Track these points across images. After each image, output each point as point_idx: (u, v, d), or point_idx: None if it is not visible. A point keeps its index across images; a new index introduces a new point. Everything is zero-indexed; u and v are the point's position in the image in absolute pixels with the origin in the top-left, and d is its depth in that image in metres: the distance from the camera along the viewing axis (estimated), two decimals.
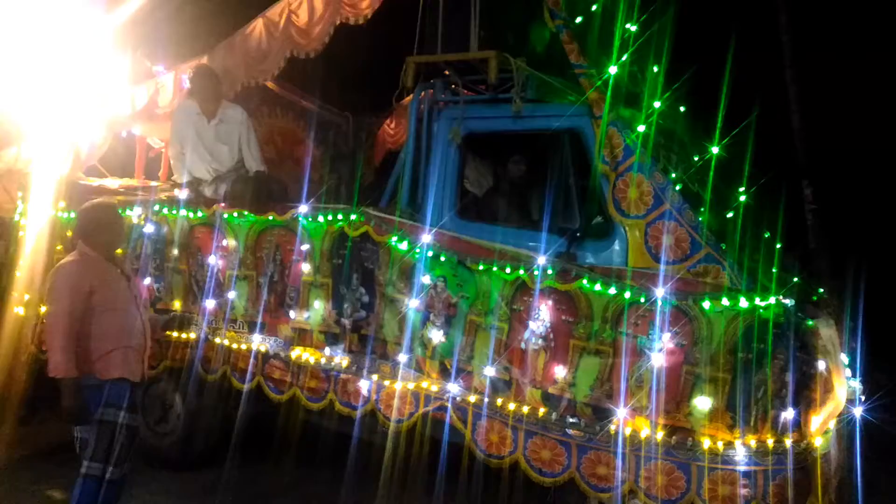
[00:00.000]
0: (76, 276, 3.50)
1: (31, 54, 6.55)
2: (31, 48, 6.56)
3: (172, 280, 4.91)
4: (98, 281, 3.54)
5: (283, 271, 4.50)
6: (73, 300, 3.45)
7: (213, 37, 7.39)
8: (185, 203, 4.80)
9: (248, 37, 5.06)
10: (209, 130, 5.01)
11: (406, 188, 4.44)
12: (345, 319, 4.29)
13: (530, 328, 3.87)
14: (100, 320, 3.54)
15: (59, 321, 3.41)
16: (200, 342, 4.72)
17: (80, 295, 3.47)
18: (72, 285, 3.47)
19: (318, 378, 4.34)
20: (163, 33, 7.28)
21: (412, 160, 4.43)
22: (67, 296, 3.45)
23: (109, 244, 3.73)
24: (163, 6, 7.68)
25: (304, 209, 4.32)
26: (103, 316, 3.55)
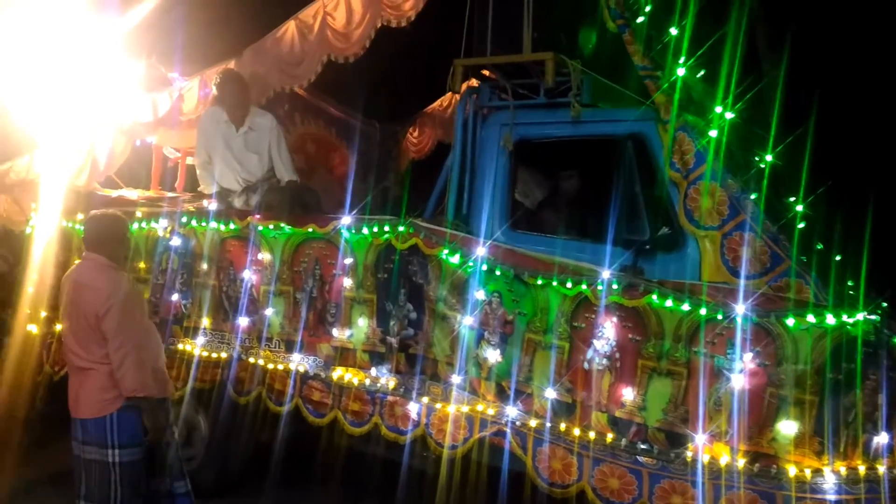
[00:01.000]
0: (135, 288, 3.57)
1: (42, 61, 6.32)
2: (43, 55, 6.33)
3: (201, 296, 4.64)
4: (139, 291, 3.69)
5: (322, 286, 4.24)
6: (143, 312, 3.55)
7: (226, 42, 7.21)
8: (215, 214, 4.54)
9: (280, 40, 4.82)
10: (238, 139, 4.76)
11: (452, 198, 4.19)
12: (391, 338, 4.03)
13: (594, 347, 3.63)
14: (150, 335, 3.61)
15: (132, 337, 3.36)
16: (233, 362, 4.45)
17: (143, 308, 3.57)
18: (138, 297, 3.53)
19: (362, 400, 4.08)
20: (176, 38, 7.06)
21: (459, 168, 4.19)
22: (134, 306, 3.46)
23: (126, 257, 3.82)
24: (175, 10, 7.48)
25: (347, 221, 4.06)
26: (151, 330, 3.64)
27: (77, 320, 3.37)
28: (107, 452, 3.32)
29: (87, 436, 3.35)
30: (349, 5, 4.57)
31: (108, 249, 3.50)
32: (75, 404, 3.41)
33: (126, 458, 3.33)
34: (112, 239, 3.53)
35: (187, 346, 4.64)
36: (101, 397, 3.34)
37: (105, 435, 3.33)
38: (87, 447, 3.35)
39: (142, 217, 4.81)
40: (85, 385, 3.37)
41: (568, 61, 3.83)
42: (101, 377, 3.33)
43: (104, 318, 3.29)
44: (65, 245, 5.16)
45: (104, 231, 3.53)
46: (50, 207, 5.38)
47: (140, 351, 3.35)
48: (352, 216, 4.07)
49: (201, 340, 4.59)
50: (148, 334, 3.57)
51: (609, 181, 3.74)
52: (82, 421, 3.37)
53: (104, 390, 3.34)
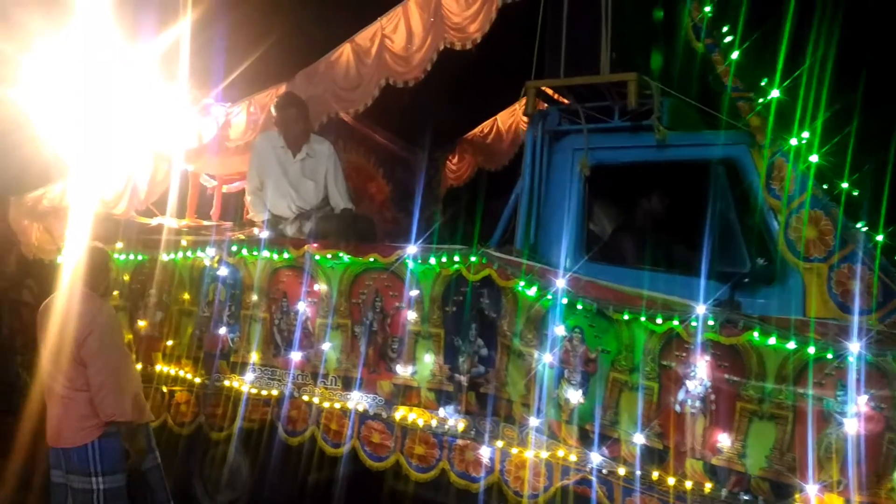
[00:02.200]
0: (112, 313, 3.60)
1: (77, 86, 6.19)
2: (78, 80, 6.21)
3: (250, 329, 4.39)
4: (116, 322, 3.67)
5: (383, 320, 3.99)
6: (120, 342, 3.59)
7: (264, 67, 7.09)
8: (267, 243, 4.31)
9: (335, 64, 4.66)
10: (295, 165, 4.56)
11: (521, 226, 3.97)
12: (460, 375, 3.76)
13: (685, 388, 3.35)
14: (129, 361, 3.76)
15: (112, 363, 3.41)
16: (284, 400, 4.18)
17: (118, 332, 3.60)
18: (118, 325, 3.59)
19: (428, 443, 3.80)
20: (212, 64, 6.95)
21: (528, 196, 3.97)
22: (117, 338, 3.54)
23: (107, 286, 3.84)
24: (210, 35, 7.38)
25: (413, 250, 3.83)
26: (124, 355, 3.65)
27: (57, 348, 3.38)
28: (90, 480, 3.35)
29: (71, 465, 3.37)
30: (409, 28, 4.41)
31: (87, 279, 3.55)
32: (56, 434, 3.42)
33: (110, 485, 3.37)
34: (91, 269, 3.59)
35: (234, 383, 4.39)
36: (82, 425, 3.37)
37: (88, 463, 3.35)
38: (72, 476, 3.38)
39: (187, 246, 4.59)
40: (66, 414, 3.40)
41: (651, 82, 3.62)
42: (81, 405, 3.37)
43: (83, 343, 3.33)
44: None
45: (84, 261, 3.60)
46: (83, 236, 5.18)
47: (119, 376, 3.41)
48: (417, 245, 3.84)
49: (250, 377, 4.33)
50: (126, 360, 3.66)
51: (699, 208, 3.51)
52: (65, 450, 3.39)
53: (85, 418, 3.37)
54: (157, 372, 4.64)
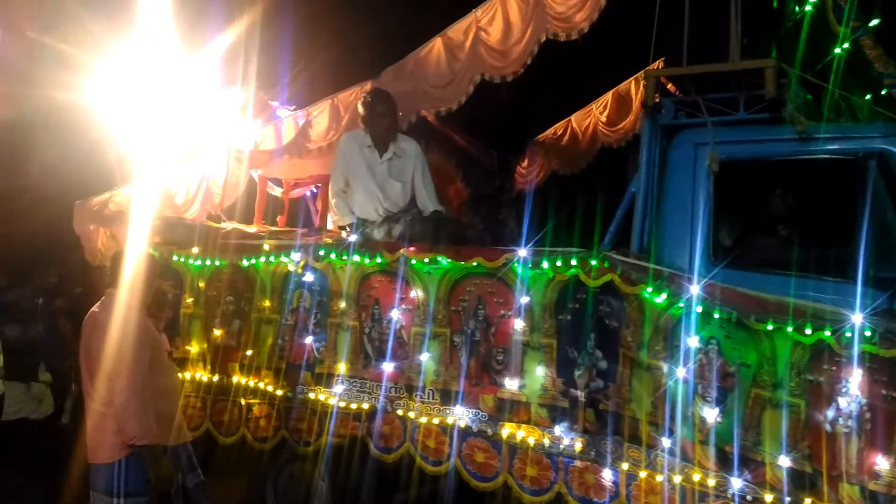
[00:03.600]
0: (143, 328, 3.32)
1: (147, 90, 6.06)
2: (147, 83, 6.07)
3: (337, 338, 4.13)
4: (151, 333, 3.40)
5: (487, 329, 3.71)
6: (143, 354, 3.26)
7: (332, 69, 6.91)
8: (358, 247, 4.05)
9: (424, 60, 4.42)
10: (382, 165, 4.32)
11: (637, 227, 3.66)
12: (576, 390, 3.46)
13: (836, 405, 3.02)
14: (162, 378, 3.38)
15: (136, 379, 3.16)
16: (377, 414, 3.91)
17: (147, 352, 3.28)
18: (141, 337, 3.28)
19: (541, 464, 3.49)
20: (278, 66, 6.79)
21: (645, 194, 3.67)
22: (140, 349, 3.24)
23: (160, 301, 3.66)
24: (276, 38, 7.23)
25: (523, 253, 3.54)
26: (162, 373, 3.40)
27: (88, 360, 3.28)
28: (112, 501, 3.18)
29: (96, 482, 3.23)
30: (507, 19, 4.16)
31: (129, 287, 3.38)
32: (89, 449, 3.29)
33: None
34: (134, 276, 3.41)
35: (320, 396, 4.12)
36: (111, 441, 3.20)
37: (112, 482, 3.18)
38: (96, 493, 3.22)
39: (269, 251, 4.35)
40: (97, 429, 3.25)
41: (789, 70, 3.31)
42: (111, 421, 3.20)
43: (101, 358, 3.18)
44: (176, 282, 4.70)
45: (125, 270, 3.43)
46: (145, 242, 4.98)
47: (144, 396, 3.18)
48: (528, 248, 3.55)
49: (338, 389, 4.06)
50: (158, 377, 3.38)
51: (849, 207, 3.18)
52: (93, 466, 3.25)
53: (114, 434, 3.19)
54: (234, 384, 4.39)
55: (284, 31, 7.12)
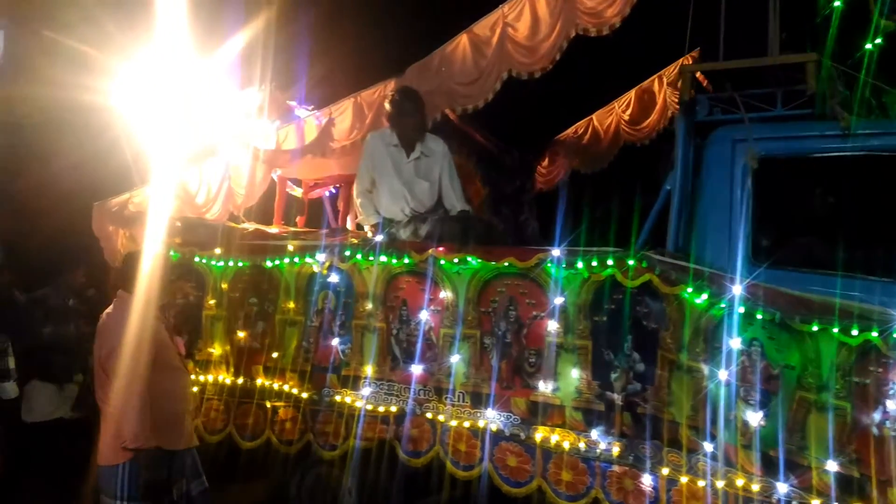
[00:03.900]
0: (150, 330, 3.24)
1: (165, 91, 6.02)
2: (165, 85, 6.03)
3: (364, 340, 4.06)
4: (159, 335, 3.32)
5: (518, 330, 3.63)
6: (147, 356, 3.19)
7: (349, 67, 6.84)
8: (384, 247, 3.98)
9: (450, 57, 4.35)
10: (409, 165, 4.25)
11: (673, 226, 3.57)
12: (612, 393, 3.37)
13: (884, 408, 2.92)
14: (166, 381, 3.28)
15: (134, 382, 3.10)
16: (405, 417, 3.84)
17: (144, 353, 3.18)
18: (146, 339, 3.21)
19: (576, 469, 3.41)
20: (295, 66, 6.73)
21: (681, 192, 3.58)
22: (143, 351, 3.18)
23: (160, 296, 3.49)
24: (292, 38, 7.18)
25: (557, 253, 3.46)
26: (167, 376, 3.31)
27: (98, 361, 3.27)
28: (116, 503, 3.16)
29: (102, 483, 3.20)
30: (535, 14, 4.08)
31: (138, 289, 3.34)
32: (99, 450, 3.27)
33: None
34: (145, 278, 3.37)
35: (347, 399, 4.05)
36: (115, 443, 3.16)
37: (115, 484, 3.15)
38: (103, 496, 3.20)
39: (293, 251, 4.29)
40: (105, 430, 3.24)
41: (832, 64, 3.22)
42: (113, 423, 3.19)
43: (107, 359, 3.18)
44: (198, 284, 4.64)
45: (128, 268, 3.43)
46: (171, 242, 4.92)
47: (142, 399, 3.12)
48: (562, 248, 3.47)
49: (364, 392, 3.99)
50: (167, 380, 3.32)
51: None
52: (99, 468, 3.23)
53: (114, 437, 3.17)
54: (258, 386, 4.33)
55: (302, 30, 7.07)
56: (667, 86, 6.06)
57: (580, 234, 3.57)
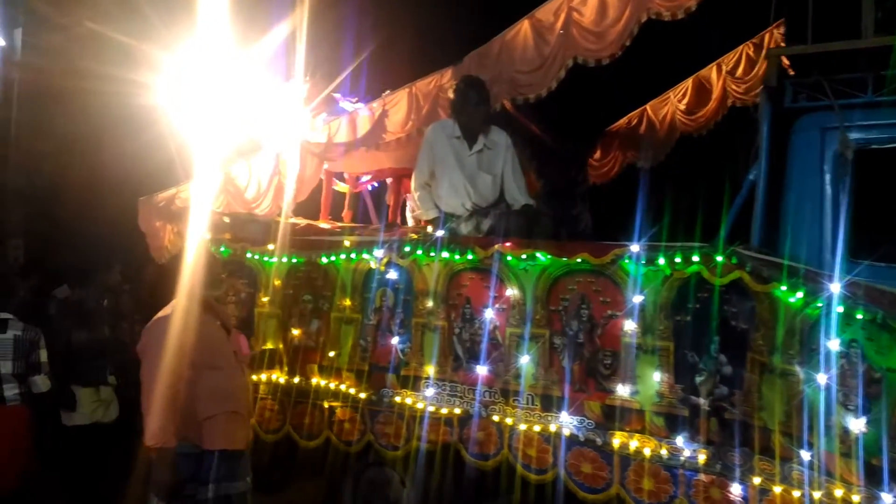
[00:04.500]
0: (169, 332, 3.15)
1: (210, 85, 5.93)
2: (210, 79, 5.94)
3: (424, 339, 3.92)
4: (195, 336, 3.20)
5: (592, 330, 3.46)
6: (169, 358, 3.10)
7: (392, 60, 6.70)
8: (446, 243, 3.83)
9: (511, 43, 4.17)
10: (471, 157, 4.08)
11: (758, 220, 3.37)
12: (697, 397, 3.19)
13: None
14: (200, 381, 3.20)
15: (154, 383, 3.08)
16: (471, 419, 3.69)
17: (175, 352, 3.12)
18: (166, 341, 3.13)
19: (658, 477, 3.23)
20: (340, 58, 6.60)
21: (766, 183, 3.38)
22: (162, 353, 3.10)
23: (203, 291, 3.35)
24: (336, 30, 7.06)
25: (636, 248, 3.28)
26: (204, 376, 3.21)
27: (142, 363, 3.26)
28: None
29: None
30: None
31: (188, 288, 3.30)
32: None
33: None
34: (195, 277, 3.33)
35: (407, 399, 3.92)
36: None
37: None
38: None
39: (350, 247, 4.16)
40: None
41: None
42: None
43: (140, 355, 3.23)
44: (250, 281, 4.53)
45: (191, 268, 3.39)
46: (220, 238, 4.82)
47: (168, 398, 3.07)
48: (641, 243, 3.29)
49: (425, 393, 3.86)
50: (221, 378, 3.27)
51: None
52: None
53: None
54: (313, 386, 4.21)
55: (346, 19, 6.95)
56: (726, 73, 5.83)
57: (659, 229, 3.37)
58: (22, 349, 4.21)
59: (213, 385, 3.23)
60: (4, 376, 4.16)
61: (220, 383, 3.27)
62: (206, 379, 3.21)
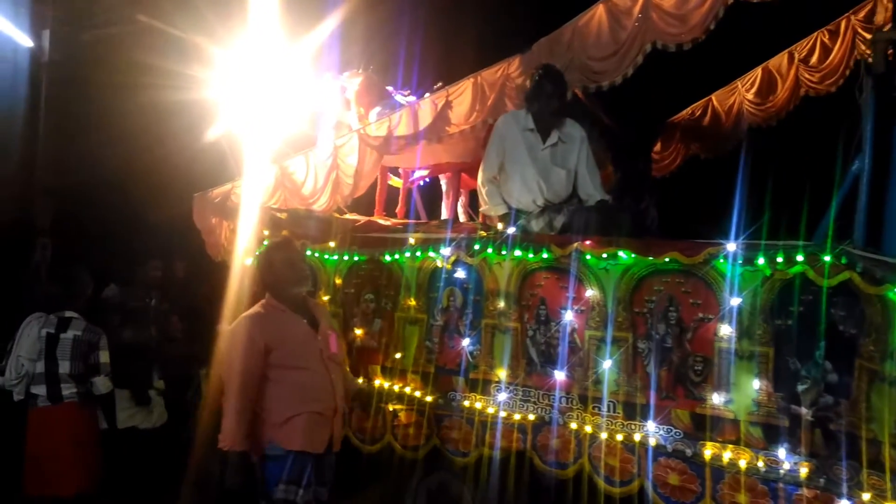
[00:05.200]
0: (252, 331, 3.11)
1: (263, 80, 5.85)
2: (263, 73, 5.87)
3: (494, 341, 3.75)
4: (277, 335, 3.13)
5: (681, 334, 3.25)
6: (248, 358, 3.06)
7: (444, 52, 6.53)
8: (520, 240, 3.65)
9: (584, 28, 3.97)
10: (545, 151, 3.89)
11: (862, 215, 3.12)
12: (800, 407, 2.96)
13: None
14: (281, 380, 3.11)
15: (232, 383, 3.05)
16: (548, 427, 3.51)
17: (254, 352, 3.07)
18: (245, 342, 3.09)
19: (754, 491, 3.01)
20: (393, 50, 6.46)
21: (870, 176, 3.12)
22: (241, 354, 3.07)
23: (282, 287, 3.25)
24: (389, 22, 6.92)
25: (732, 247, 3.06)
26: (285, 375, 3.12)
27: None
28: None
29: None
30: None
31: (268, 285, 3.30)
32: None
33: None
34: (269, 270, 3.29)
35: (476, 404, 3.75)
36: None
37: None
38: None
39: (415, 244, 4.00)
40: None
41: None
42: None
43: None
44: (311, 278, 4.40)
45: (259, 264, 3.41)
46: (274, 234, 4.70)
47: (240, 399, 3.03)
48: (738, 242, 3.06)
49: (496, 397, 3.69)
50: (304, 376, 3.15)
51: None
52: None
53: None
54: (376, 388, 4.07)
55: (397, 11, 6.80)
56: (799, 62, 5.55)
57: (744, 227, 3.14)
58: (80, 350, 4.14)
59: (295, 385, 3.14)
60: (62, 376, 4.11)
61: (303, 383, 3.16)
62: (289, 378, 3.13)
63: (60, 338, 4.12)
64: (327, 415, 3.18)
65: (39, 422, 4.10)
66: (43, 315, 4.19)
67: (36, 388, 4.09)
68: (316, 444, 3.13)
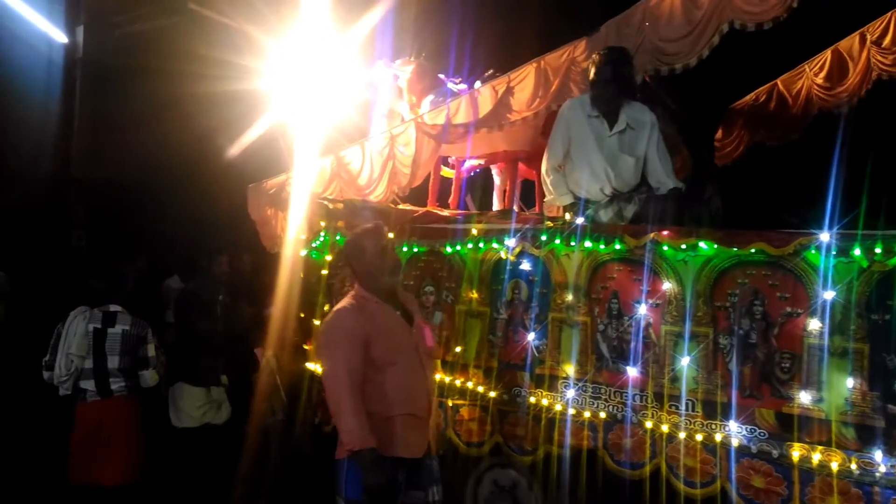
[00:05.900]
0: (350, 323, 2.91)
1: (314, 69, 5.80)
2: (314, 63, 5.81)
3: (562, 336, 3.63)
4: (373, 328, 2.92)
5: (766, 329, 3.08)
6: (351, 354, 2.85)
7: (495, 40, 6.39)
8: (590, 231, 3.51)
9: (655, 10, 3.79)
10: (612, 139, 3.74)
11: None
12: None
13: None
14: (378, 378, 2.90)
15: (341, 381, 2.81)
16: (622, 425, 3.38)
17: (356, 347, 2.87)
18: (344, 337, 2.89)
19: (847, 494, 2.84)
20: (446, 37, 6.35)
21: None
22: (345, 348, 2.86)
23: (374, 277, 3.03)
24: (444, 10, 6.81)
25: (825, 237, 2.89)
26: (382, 372, 2.91)
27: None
28: (338, 500, 2.90)
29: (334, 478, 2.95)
30: None
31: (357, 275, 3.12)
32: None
33: None
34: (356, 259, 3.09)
35: (543, 400, 3.64)
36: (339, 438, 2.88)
37: (339, 481, 2.89)
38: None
39: (477, 235, 3.89)
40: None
41: None
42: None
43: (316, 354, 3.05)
44: None
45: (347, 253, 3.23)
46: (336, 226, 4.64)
47: (350, 396, 2.79)
48: (832, 231, 2.89)
49: (564, 393, 3.57)
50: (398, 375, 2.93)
51: None
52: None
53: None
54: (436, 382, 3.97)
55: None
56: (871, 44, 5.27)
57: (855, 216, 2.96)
58: (129, 344, 4.13)
59: (388, 383, 2.92)
60: (111, 371, 4.10)
61: (397, 382, 2.93)
62: (384, 376, 2.91)
63: (108, 332, 4.12)
64: (422, 416, 2.98)
65: (88, 415, 4.11)
66: (87, 309, 4.17)
67: (85, 383, 4.10)
68: (412, 448, 2.92)
